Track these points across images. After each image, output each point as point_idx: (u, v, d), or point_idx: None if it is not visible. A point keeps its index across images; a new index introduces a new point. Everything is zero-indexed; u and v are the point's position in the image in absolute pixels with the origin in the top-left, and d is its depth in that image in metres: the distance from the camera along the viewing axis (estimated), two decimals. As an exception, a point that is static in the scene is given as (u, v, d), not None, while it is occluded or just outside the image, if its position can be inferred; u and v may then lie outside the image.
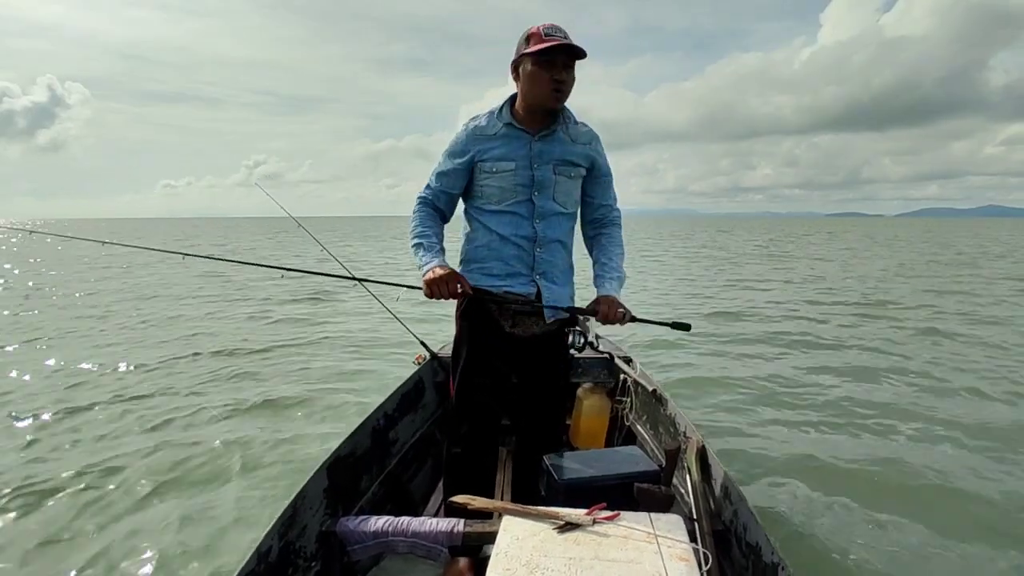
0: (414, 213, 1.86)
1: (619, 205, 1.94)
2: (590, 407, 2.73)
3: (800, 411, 4.15)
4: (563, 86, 1.69)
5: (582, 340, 1.75)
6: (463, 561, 1.77)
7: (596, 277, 1.85)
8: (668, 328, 1.79)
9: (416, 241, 1.81)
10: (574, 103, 1.80)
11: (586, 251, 1.99)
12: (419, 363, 2.80)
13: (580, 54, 1.66)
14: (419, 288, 1.75)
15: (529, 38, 1.68)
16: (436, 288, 1.69)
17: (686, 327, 1.78)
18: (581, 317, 1.81)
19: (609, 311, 1.72)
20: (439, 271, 1.70)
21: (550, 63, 1.66)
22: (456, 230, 1.97)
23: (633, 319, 1.74)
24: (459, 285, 1.71)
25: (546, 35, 1.65)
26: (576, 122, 1.84)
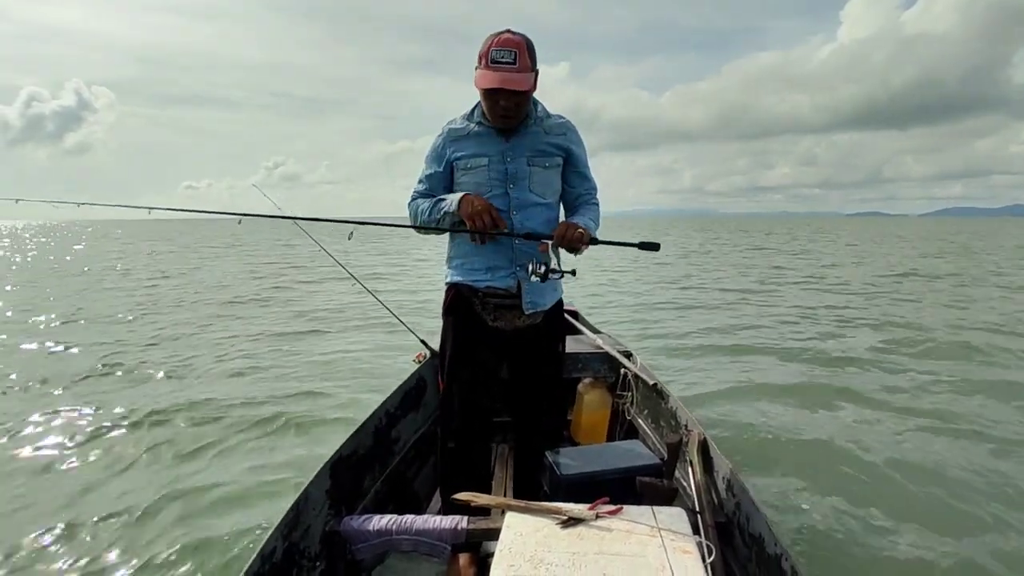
0: (411, 204, 1.88)
1: (635, 205, 1.94)
2: (591, 402, 2.73)
3: (804, 402, 4.16)
4: (509, 112, 1.69)
5: (543, 268, 1.66)
6: (466, 558, 1.77)
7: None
8: (636, 249, 1.74)
9: (432, 203, 1.79)
10: (588, 104, 1.80)
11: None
12: (420, 361, 2.80)
13: (517, 91, 1.62)
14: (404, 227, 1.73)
15: (481, 56, 1.64)
16: (476, 217, 1.67)
17: (655, 247, 1.73)
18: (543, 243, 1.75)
19: (567, 231, 1.67)
20: (473, 199, 1.68)
21: (491, 92, 1.65)
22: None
23: (594, 241, 1.69)
24: (493, 214, 1.68)
25: (491, 63, 1.60)
26: (549, 115, 1.84)
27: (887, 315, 7.67)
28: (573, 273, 1.76)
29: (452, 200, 1.74)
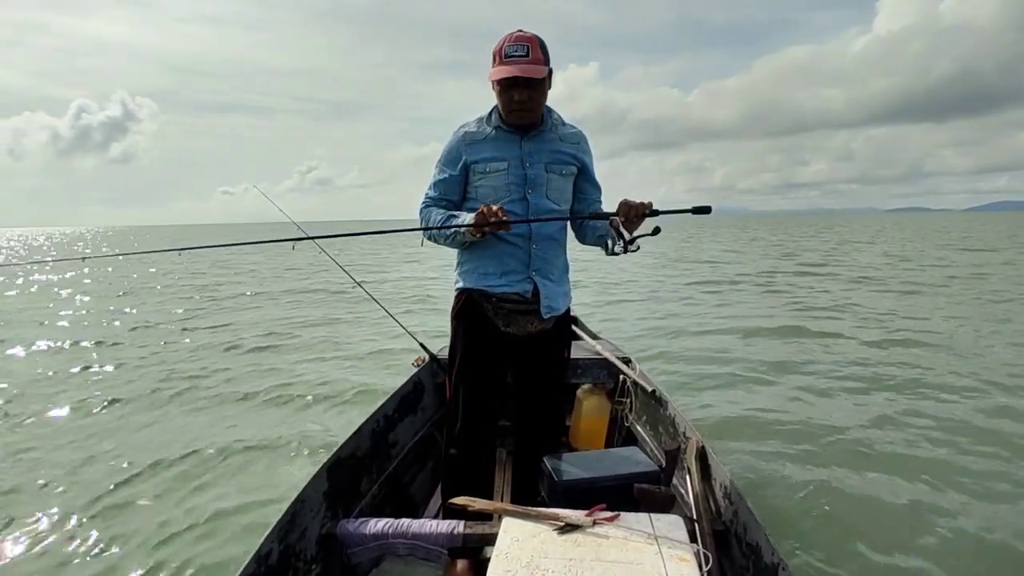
0: (422, 213, 1.85)
1: (665, 205, 1.93)
2: (590, 408, 2.73)
3: (804, 411, 4.15)
4: (524, 105, 1.70)
5: (621, 243, 1.70)
6: (463, 563, 1.77)
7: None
8: (690, 214, 1.74)
9: (444, 216, 1.78)
10: (617, 103, 1.78)
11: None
12: (418, 365, 2.80)
13: (532, 80, 1.64)
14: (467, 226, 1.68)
15: (495, 55, 1.68)
16: (485, 216, 1.61)
17: (706, 210, 1.75)
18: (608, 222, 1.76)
19: (629, 207, 1.66)
20: (485, 208, 1.61)
21: (507, 86, 1.68)
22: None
23: (655, 212, 1.69)
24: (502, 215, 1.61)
25: (505, 58, 1.65)
26: (564, 123, 1.86)
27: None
28: (638, 248, 1.77)
29: (466, 217, 1.72)
